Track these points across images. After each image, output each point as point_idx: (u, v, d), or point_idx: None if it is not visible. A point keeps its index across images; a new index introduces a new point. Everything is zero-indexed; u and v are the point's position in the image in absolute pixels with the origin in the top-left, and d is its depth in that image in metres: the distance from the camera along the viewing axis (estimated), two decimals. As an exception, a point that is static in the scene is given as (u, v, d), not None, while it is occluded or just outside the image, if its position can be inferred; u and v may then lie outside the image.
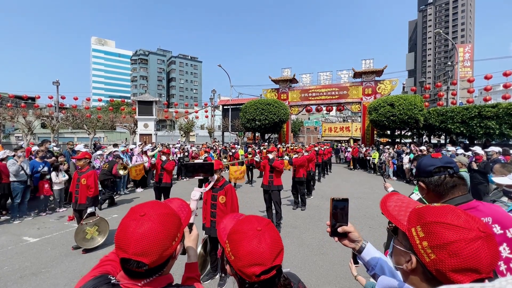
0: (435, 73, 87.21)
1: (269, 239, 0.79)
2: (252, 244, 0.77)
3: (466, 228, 0.60)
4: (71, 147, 9.02)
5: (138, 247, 0.74)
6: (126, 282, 0.79)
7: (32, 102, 26.99)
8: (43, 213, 6.65)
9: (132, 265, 0.75)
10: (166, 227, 0.79)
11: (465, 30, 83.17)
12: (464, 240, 0.59)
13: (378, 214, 6.62)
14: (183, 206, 1.03)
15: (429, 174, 1.29)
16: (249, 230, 0.80)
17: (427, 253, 0.63)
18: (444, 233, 0.61)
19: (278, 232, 0.85)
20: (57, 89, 22.05)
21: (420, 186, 1.35)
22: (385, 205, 0.84)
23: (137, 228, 0.76)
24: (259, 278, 0.75)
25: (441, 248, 0.60)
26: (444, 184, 1.25)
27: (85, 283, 0.82)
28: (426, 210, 0.69)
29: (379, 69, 20.96)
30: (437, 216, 0.65)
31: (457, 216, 0.63)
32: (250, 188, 10.03)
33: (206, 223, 3.58)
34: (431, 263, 0.62)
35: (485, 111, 13.50)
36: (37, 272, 3.79)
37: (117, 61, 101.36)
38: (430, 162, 1.31)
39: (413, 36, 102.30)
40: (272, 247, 0.78)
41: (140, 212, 0.80)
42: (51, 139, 18.89)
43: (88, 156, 4.64)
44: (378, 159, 14.52)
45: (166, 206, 0.87)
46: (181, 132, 27.98)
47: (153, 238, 0.75)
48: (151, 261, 0.75)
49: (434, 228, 0.63)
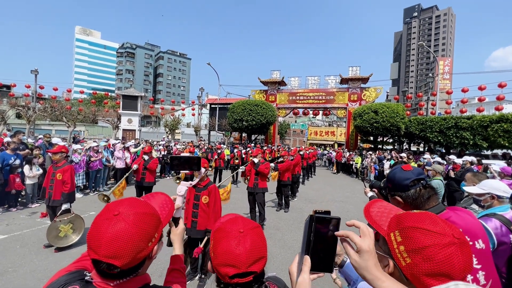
0: (417, 83, 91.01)
1: (249, 243, 0.77)
2: (230, 244, 0.76)
3: (441, 233, 0.62)
4: (47, 139, 8.58)
5: (109, 249, 0.70)
6: (99, 281, 0.75)
7: (7, 91, 25.47)
8: (14, 209, 6.27)
9: (103, 266, 0.72)
10: (141, 228, 0.75)
11: (445, 44, 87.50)
12: (438, 245, 0.60)
13: (358, 218, 6.76)
14: (166, 202, 0.98)
15: (405, 188, 1.28)
16: (232, 230, 0.79)
17: (403, 257, 0.64)
18: (419, 238, 0.62)
19: (263, 239, 0.82)
20: (36, 78, 20.96)
21: (395, 200, 1.33)
22: (368, 211, 0.85)
23: (109, 228, 0.71)
24: (233, 280, 0.74)
25: (416, 252, 0.62)
26: (420, 196, 1.26)
27: (58, 277, 0.78)
28: (406, 216, 0.71)
29: (365, 76, 21.58)
30: (415, 222, 0.66)
31: (433, 222, 0.65)
32: (234, 188, 9.95)
33: (187, 223, 3.51)
34: (407, 267, 0.63)
35: (461, 122, 14.22)
36: (3, 271, 3.55)
37: (102, 53, 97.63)
38: (404, 175, 1.29)
39: (398, 47, 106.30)
40: (250, 252, 0.76)
41: (114, 211, 0.75)
42: (26, 130, 17.89)
43: (64, 150, 4.42)
44: (361, 164, 14.92)
45: (144, 205, 0.82)
46: (167, 129, 27.41)
47: (126, 240, 0.71)
48: (122, 263, 0.71)
49: (411, 233, 0.64)
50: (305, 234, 0.71)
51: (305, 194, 9.54)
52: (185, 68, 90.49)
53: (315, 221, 0.69)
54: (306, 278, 0.67)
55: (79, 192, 7.79)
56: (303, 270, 0.68)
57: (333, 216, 0.70)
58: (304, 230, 0.71)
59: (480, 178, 3.37)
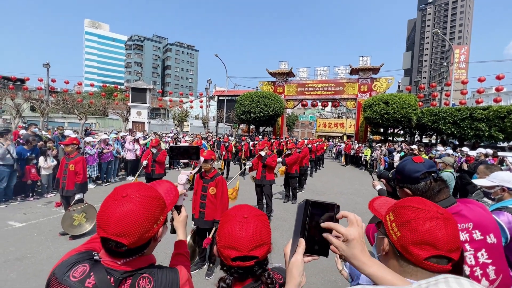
0: (430, 73, 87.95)
1: (252, 228, 0.80)
2: (234, 227, 0.79)
3: (424, 209, 0.71)
4: (60, 131, 8.81)
5: (117, 228, 0.75)
6: (107, 260, 0.81)
7: (21, 84, 26.10)
8: (30, 198, 6.53)
9: (112, 244, 0.77)
10: (148, 209, 0.80)
11: (462, 31, 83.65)
12: (422, 218, 0.69)
13: (367, 211, 6.70)
14: (170, 189, 1.03)
15: (415, 181, 1.25)
16: (236, 215, 0.83)
17: (394, 232, 0.73)
18: (406, 213, 0.72)
19: (267, 226, 0.84)
20: (48, 71, 21.38)
21: (404, 192, 1.31)
22: (372, 203, 1.00)
23: (117, 208, 0.77)
24: (234, 262, 0.77)
25: (404, 225, 0.71)
26: (431, 189, 1.23)
27: (69, 256, 0.84)
28: (401, 200, 0.82)
29: (376, 66, 20.99)
30: (406, 202, 0.77)
31: (421, 202, 0.75)
32: (241, 180, 10.04)
33: (195, 214, 3.57)
34: (397, 240, 0.72)
35: (476, 113, 13.73)
36: (22, 257, 3.73)
37: (111, 46, 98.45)
38: (415, 167, 1.26)
39: (411, 35, 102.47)
40: (253, 237, 0.78)
41: (122, 193, 0.80)
42: (40, 123, 18.42)
43: (76, 142, 4.53)
44: (370, 156, 14.71)
45: (150, 189, 0.86)
46: (175, 122, 27.67)
47: (133, 220, 0.76)
48: (130, 242, 0.76)
49: (401, 210, 0.74)
50: (299, 217, 0.71)
51: (313, 186, 9.52)
52: (192, 60, 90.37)
53: (310, 205, 0.69)
54: (299, 259, 0.69)
55: (92, 183, 8.02)
56: (297, 251, 0.70)
57: (329, 202, 0.71)
58: (298, 213, 0.72)
59: (493, 170, 3.26)
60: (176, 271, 0.92)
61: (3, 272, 3.33)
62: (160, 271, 0.88)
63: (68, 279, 0.78)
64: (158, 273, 0.87)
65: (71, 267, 0.80)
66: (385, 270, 0.68)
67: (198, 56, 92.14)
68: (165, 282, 0.86)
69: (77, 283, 0.77)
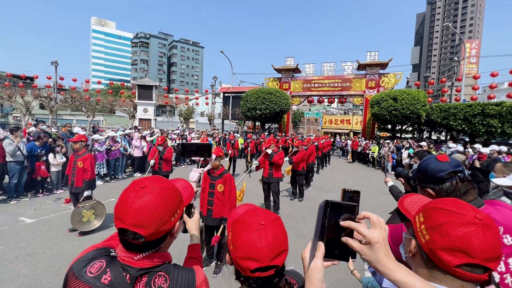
0: (439, 68, 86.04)
1: (271, 236, 0.73)
2: (252, 237, 0.72)
3: (461, 213, 0.64)
4: (69, 129, 8.92)
5: (136, 218, 0.75)
6: (124, 255, 0.80)
7: (30, 82, 26.57)
8: (40, 194, 6.65)
9: (129, 236, 0.76)
10: (166, 201, 0.79)
11: (473, 25, 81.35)
12: (456, 223, 0.63)
13: (375, 208, 6.65)
14: (186, 186, 1.03)
15: (440, 181, 1.18)
16: (252, 222, 0.75)
17: (423, 234, 0.68)
18: (438, 216, 0.66)
19: (284, 232, 0.78)
20: (56, 69, 21.65)
21: (426, 192, 1.24)
22: (403, 201, 0.92)
23: (136, 199, 0.77)
24: (254, 274, 0.71)
25: (434, 229, 0.65)
26: (457, 190, 1.16)
27: (87, 253, 0.84)
28: (433, 201, 0.75)
29: (384, 62, 20.61)
30: (438, 203, 0.70)
31: (456, 204, 0.68)
32: (248, 178, 10.03)
33: (203, 211, 3.55)
34: (426, 243, 0.66)
35: (488, 109, 13.37)
36: (33, 253, 3.79)
37: (117, 43, 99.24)
38: (440, 167, 1.19)
39: (420, 29, 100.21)
40: (273, 245, 0.72)
41: (141, 184, 0.80)
42: (49, 120, 18.72)
43: (84, 139, 4.56)
44: (378, 153, 14.51)
45: (168, 181, 0.87)
46: (181, 119, 27.79)
47: (152, 211, 0.76)
48: (148, 233, 0.75)
49: (432, 213, 0.68)
50: (319, 219, 0.68)
51: (320, 183, 9.43)
52: (198, 57, 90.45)
53: (330, 206, 0.66)
54: (319, 264, 0.65)
55: (100, 179, 8.12)
56: (316, 255, 0.66)
57: (349, 203, 0.67)
58: (318, 215, 0.69)
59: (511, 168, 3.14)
60: (193, 271, 0.90)
61: (15, 268, 3.38)
62: (176, 270, 0.86)
63: (85, 275, 0.78)
64: (174, 271, 0.85)
65: (88, 263, 0.80)
66: (413, 277, 0.63)
67: (203, 53, 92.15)
68: (181, 281, 0.84)
69: (93, 278, 0.77)
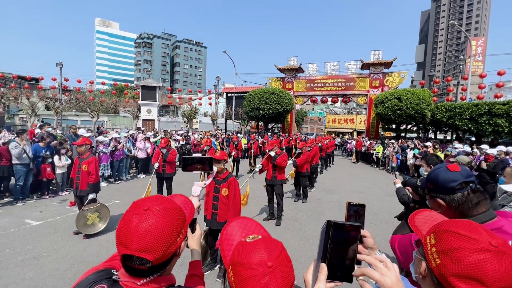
0: (445, 66, 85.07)
1: (280, 278, 0.66)
2: (261, 285, 0.65)
3: (475, 239, 0.61)
4: (73, 130, 8.98)
5: (141, 243, 0.71)
6: (126, 280, 0.76)
7: (35, 83, 26.84)
8: (46, 196, 6.70)
9: (135, 262, 0.72)
10: (171, 222, 0.76)
11: (479, 22, 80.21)
12: (469, 249, 0.60)
13: (380, 210, 6.58)
14: (186, 202, 1.01)
15: (451, 191, 1.14)
16: (258, 267, 0.67)
17: (434, 258, 0.65)
18: (451, 240, 0.63)
19: (289, 262, 0.72)
20: (61, 70, 21.84)
21: (436, 203, 1.20)
22: (414, 217, 0.88)
23: (140, 222, 0.73)
24: None
25: (446, 253, 0.62)
26: (468, 201, 1.12)
27: (88, 275, 0.81)
28: (445, 222, 0.72)
29: (388, 61, 20.42)
30: (451, 226, 0.67)
31: (470, 228, 0.64)
32: (251, 179, 10.00)
33: (207, 215, 3.54)
34: (437, 268, 0.64)
35: (495, 108, 13.13)
36: (39, 256, 3.81)
37: (121, 44, 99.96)
38: (451, 177, 1.15)
39: (425, 27, 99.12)
40: (283, 285, 0.66)
41: (144, 206, 0.76)
42: (54, 121, 18.91)
43: (88, 142, 4.57)
44: (382, 153, 14.38)
45: (170, 201, 0.84)
46: (184, 119, 27.86)
47: (158, 234, 0.72)
48: (155, 258, 0.72)
49: (444, 236, 0.65)
50: (321, 240, 0.67)
51: (324, 184, 9.37)
52: (201, 57, 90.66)
53: (332, 227, 0.65)
54: (322, 287, 0.63)
55: (104, 181, 8.16)
56: (318, 278, 0.64)
57: (353, 223, 0.66)
58: (321, 236, 0.67)
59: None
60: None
61: (21, 271, 3.40)
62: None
63: None
64: None
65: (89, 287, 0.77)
66: None
67: (206, 53, 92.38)
68: None
69: None
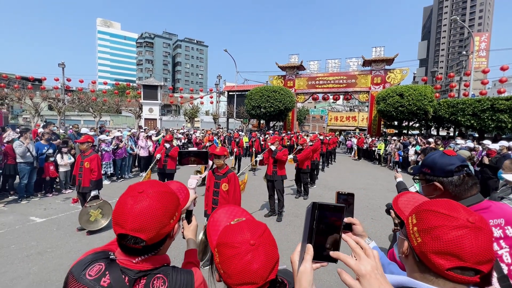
0: (447, 63, 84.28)
1: (263, 255, 0.70)
2: (244, 261, 0.68)
3: (453, 216, 0.63)
4: (76, 129, 9.07)
5: (135, 223, 0.76)
6: (122, 259, 0.81)
7: (38, 84, 27.06)
8: (50, 194, 6.79)
9: (129, 241, 0.77)
10: (164, 205, 0.81)
11: (482, 17, 79.29)
12: (448, 226, 0.62)
13: (381, 206, 6.58)
14: (181, 188, 1.05)
15: (449, 174, 1.21)
16: (241, 245, 0.70)
17: (415, 237, 0.67)
18: (431, 219, 0.65)
19: (274, 242, 0.75)
20: (63, 71, 22.01)
21: (432, 186, 1.26)
22: (397, 201, 0.92)
23: (135, 204, 0.78)
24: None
25: (426, 232, 0.65)
26: (465, 183, 1.20)
27: (86, 255, 0.86)
28: (426, 202, 0.74)
29: (390, 57, 20.29)
30: (431, 206, 0.69)
31: (449, 207, 0.66)
32: (252, 176, 10.04)
33: (207, 210, 3.58)
34: (418, 246, 0.66)
35: (498, 104, 13.03)
36: (43, 251, 3.88)
37: (122, 44, 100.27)
38: (449, 160, 1.23)
39: (427, 23, 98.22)
40: (266, 264, 0.69)
41: (138, 189, 0.81)
42: (57, 121, 19.07)
43: (90, 139, 4.63)
44: (384, 150, 14.34)
45: (164, 185, 0.89)
46: (186, 118, 27.94)
47: (151, 215, 0.77)
48: (148, 237, 0.77)
49: (424, 215, 0.67)
50: (307, 221, 0.68)
51: (325, 181, 9.38)
52: (202, 55, 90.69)
53: (318, 208, 0.65)
54: (308, 267, 0.64)
55: (107, 179, 8.24)
56: (305, 258, 0.65)
57: (337, 204, 0.66)
58: (306, 217, 0.68)
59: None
60: (191, 273, 0.91)
61: (26, 266, 3.47)
62: (175, 271, 0.88)
63: (84, 278, 0.79)
64: (173, 274, 0.86)
65: (87, 266, 0.81)
66: None
67: (207, 52, 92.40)
68: (179, 283, 0.85)
69: (93, 281, 0.78)
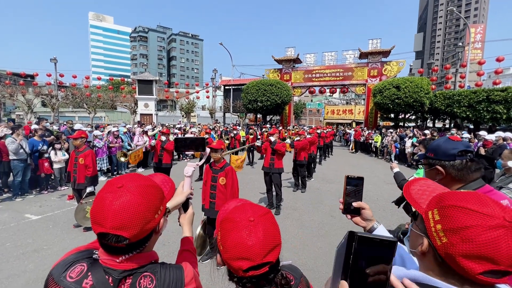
0: (443, 54, 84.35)
1: (262, 232, 0.69)
2: (241, 235, 0.68)
3: (487, 214, 0.55)
4: (70, 125, 8.93)
5: (116, 220, 0.70)
6: (105, 258, 0.76)
7: (30, 80, 26.49)
8: (45, 191, 6.70)
9: (111, 240, 0.71)
10: (147, 199, 0.75)
11: (478, 8, 79.13)
12: (483, 226, 0.54)
13: (378, 198, 6.62)
14: (165, 180, 1.00)
15: (451, 157, 1.22)
16: (240, 220, 0.71)
17: (439, 236, 0.59)
18: (460, 217, 0.56)
19: (276, 225, 0.74)
20: (55, 66, 21.56)
21: (435, 170, 1.28)
22: (409, 188, 0.79)
23: (114, 200, 0.72)
24: (247, 273, 0.68)
25: (455, 232, 0.56)
26: (467, 168, 1.21)
27: (68, 255, 0.80)
28: (449, 195, 0.64)
29: (386, 49, 20.21)
30: (457, 201, 0.60)
31: (480, 202, 0.57)
32: (250, 169, 10.02)
33: (205, 204, 3.55)
34: (442, 246, 0.58)
35: (493, 95, 13.10)
36: (39, 249, 3.83)
37: (116, 38, 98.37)
38: (452, 145, 1.25)
39: (423, 15, 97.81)
40: (264, 242, 0.68)
41: (118, 184, 0.75)
42: (51, 117, 18.78)
43: (84, 135, 4.55)
44: (381, 142, 14.40)
45: (145, 178, 0.83)
46: (182, 113, 27.72)
47: (133, 210, 0.72)
48: (131, 234, 0.71)
49: (451, 212, 0.58)
50: (340, 254, 0.57)
51: (322, 174, 9.41)
52: (197, 50, 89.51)
53: (357, 241, 0.53)
54: None
55: (102, 175, 8.16)
56: None
57: (384, 237, 0.54)
58: (340, 249, 0.58)
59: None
60: (181, 268, 0.86)
61: (22, 264, 3.43)
62: (163, 268, 0.83)
63: (64, 280, 0.74)
64: (161, 271, 0.81)
65: (68, 267, 0.76)
66: None
67: (203, 46, 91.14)
68: (168, 280, 0.80)
69: (74, 284, 0.73)
